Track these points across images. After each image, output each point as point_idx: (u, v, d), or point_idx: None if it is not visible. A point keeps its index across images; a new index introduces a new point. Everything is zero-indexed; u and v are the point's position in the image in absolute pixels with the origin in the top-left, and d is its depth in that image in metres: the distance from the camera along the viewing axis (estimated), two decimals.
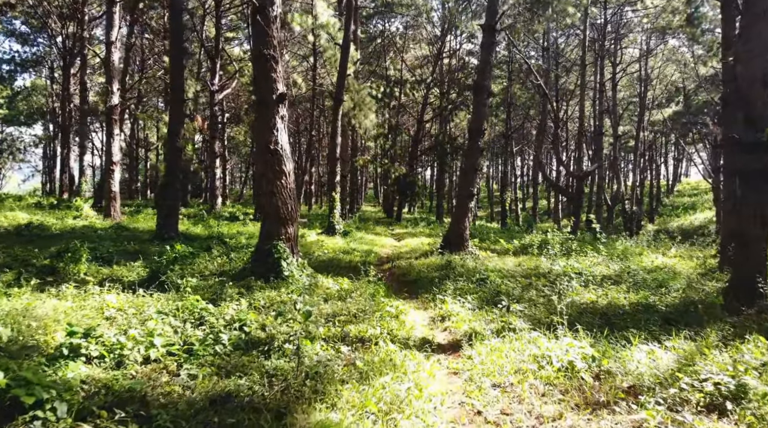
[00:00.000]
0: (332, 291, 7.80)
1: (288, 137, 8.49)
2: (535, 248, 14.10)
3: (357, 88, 21.69)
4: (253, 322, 5.99)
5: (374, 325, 6.44)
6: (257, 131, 8.36)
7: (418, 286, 9.78)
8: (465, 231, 13.77)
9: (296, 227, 8.57)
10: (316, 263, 11.81)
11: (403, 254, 14.68)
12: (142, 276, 8.34)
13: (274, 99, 8.16)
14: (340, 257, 13.09)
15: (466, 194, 13.71)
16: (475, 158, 13.66)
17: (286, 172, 8.21)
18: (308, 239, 16.36)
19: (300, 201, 34.76)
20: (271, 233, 8.21)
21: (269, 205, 8.17)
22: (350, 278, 9.46)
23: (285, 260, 8.03)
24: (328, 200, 18.81)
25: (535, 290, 9.43)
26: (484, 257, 13.54)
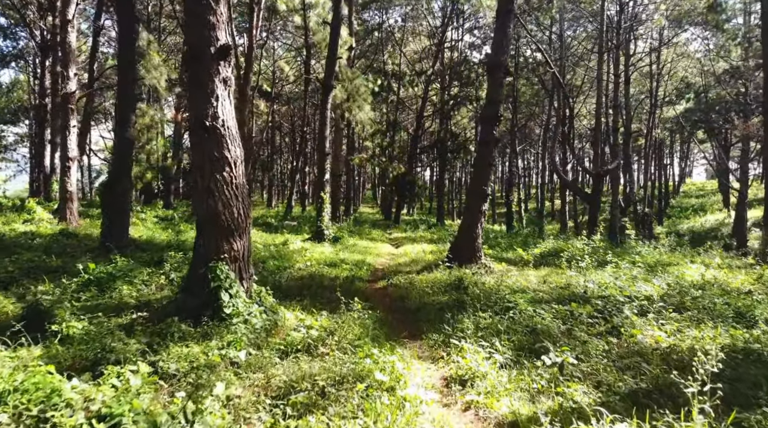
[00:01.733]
0: (296, 338, 5.06)
1: (234, 111, 5.78)
2: (564, 261, 11.37)
3: (350, 76, 18.97)
4: (137, 421, 3.26)
5: (353, 411, 3.74)
6: (189, 99, 5.63)
7: (423, 319, 7.03)
8: (477, 239, 11.05)
9: (248, 240, 5.83)
10: (291, 282, 9.08)
11: (402, 266, 11.96)
12: (17, 314, 5.61)
13: (212, 53, 5.44)
14: (324, 271, 10.36)
15: (478, 193, 10.99)
16: (489, 150, 10.95)
17: (231, 160, 5.48)
18: (291, 247, 13.65)
19: (293, 202, 32.04)
20: (208, 250, 5.48)
21: (205, 209, 5.45)
22: (330, 308, 6.74)
23: (228, 291, 5.30)
24: (316, 202, 16.08)
25: (583, 325, 6.74)
26: (501, 272, 10.83)
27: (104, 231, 10.99)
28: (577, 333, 6.33)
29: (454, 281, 9.30)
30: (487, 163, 10.98)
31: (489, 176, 11.16)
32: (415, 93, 29.76)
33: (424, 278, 9.92)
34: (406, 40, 35.06)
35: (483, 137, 11.06)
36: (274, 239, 15.55)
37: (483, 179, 11.02)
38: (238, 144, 5.64)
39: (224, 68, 5.57)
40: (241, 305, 5.36)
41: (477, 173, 11.19)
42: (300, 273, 10.13)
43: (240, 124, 20.54)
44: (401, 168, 25.83)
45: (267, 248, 13.07)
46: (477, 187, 11.05)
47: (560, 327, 6.64)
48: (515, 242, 18.87)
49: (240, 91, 20.19)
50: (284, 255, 12.02)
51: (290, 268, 10.59)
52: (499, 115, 10.97)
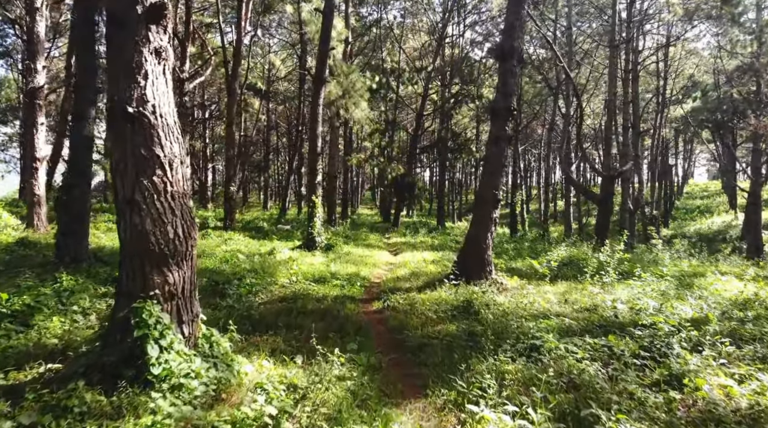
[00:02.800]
0: (249, 415, 3.49)
1: (172, 95, 4.25)
2: (587, 276, 9.87)
3: (346, 71, 17.44)
4: None
5: None
6: (108, 78, 4.09)
7: (427, 362, 5.45)
8: (487, 251, 9.51)
9: (190, 269, 4.27)
10: (267, 306, 7.54)
11: (401, 280, 10.40)
12: None
13: (140, 13, 3.90)
14: (311, 290, 8.82)
15: (488, 198, 9.45)
16: (501, 148, 9.41)
17: (165, 160, 3.94)
18: (278, 256, 12.12)
19: (289, 204, 30.47)
20: (132, 284, 3.95)
21: (128, 228, 3.92)
22: (310, 349, 5.21)
23: (158, 342, 3.75)
24: (307, 206, 14.55)
25: (630, 369, 5.26)
26: (515, 288, 9.31)
27: (58, 242, 9.44)
28: (628, 385, 4.81)
29: (462, 303, 7.77)
30: (499, 163, 9.45)
31: (501, 179, 9.61)
32: (414, 91, 28.20)
33: (427, 297, 8.38)
34: (405, 36, 33.53)
35: (494, 134, 9.51)
36: (261, 246, 14.02)
37: (494, 182, 9.48)
38: (177, 138, 4.09)
39: (157, 35, 4.02)
40: (177, 361, 3.80)
41: (487, 176, 9.64)
42: (281, 293, 8.59)
43: (228, 122, 19.04)
44: (400, 169, 24.28)
45: (249, 259, 11.54)
46: (487, 191, 9.51)
47: (603, 374, 5.13)
48: (523, 249, 17.35)
49: (228, 87, 18.66)
50: (267, 268, 10.49)
51: (271, 285, 9.05)
52: (512, 108, 9.43)
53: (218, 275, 9.36)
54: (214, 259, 11.27)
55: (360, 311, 7.75)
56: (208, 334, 4.41)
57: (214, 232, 16.61)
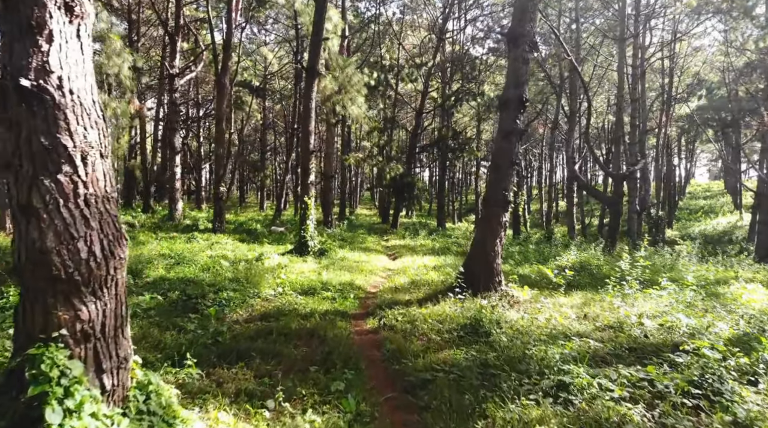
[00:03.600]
0: None
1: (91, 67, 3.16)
2: (611, 288, 8.83)
3: (342, 64, 16.37)
4: None
5: None
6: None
7: (431, 405, 4.35)
8: (496, 259, 8.44)
9: (116, 299, 3.19)
10: (244, 326, 6.46)
11: (400, 291, 9.33)
12: None
13: None
14: (297, 303, 7.75)
15: (497, 200, 8.37)
16: (512, 144, 8.35)
17: (76, 153, 2.88)
18: (265, 263, 11.05)
19: (284, 205, 29.41)
20: (32, 320, 2.90)
21: (25, 244, 2.86)
22: (287, 389, 4.15)
23: (62, 402, 2.69)
24: (300, 207, 13.47)
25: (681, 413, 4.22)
26: (527, 301, 8.25)
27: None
28: None
29: (469, 321, 6.70)
30: (509, 161, 8.38)
31: (511, 178, 8.54)
32: (414, 88, 27.13)
33: (429, 313, 7.32)
34: (404, 33, 32.44)
35: (504, 128, 8.44)
36: (249, 251, 12.95)
37: (503, 182, 8.41)
38: (96, 123, 3.01)
39: None
40: None
41: (495, 175, 8.56)
42: (263, 308, 7.52)
43: (218, 119, 17.97)
44: (399, 168, 23.21)
45: (234, 266, 10.47)
46: (495, 192, 8.43)
47: (651, 421, 4.10)
48: (529, 252, 16.29)
49: (217, 82, 17.60)
50: (252, 277, 9.42)
51: (253, 299, 7.98)
52: (524, 99, 8.37)
53: (194, 286, 8.29)
54: (194, 266, 10.20)
55: (351, 331, 6.68)
56: (144, 381, 3.34)
57: (201, 235, 15.53)
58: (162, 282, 8.53)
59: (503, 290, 8.35)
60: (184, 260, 10.66)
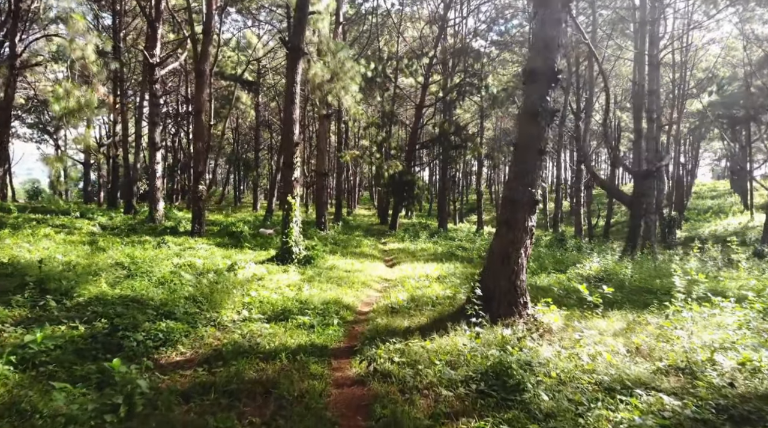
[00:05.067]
0: None
1: None
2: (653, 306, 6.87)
3: (333, 48, 14.41)
4: None
5: None
6: None
7: None
8: (520, 275, 6.47)
9: None
10: (181, 370, 4.47)
11: (398, 312, 7.33)
12: None
13: None
14: (262, 335, 5.79)
15: (521, 199, 6.40)
16: (540, 129, 6.39)
17: None
18: (238, 275, 9.11)
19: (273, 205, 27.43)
20: None
21: None
22: None
23: None
24: (283, 208, 11.50)
25: None
26: (560, 329, 6.31)
27: None
28: None
29: (492, 366, 4.76)
30: (536, 149, 6.41)
31: (539, 171, 6.56)
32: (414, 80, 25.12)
33: (436, 349, 5.38)
34: (404, 25, 30.46)
35: (530, 107, 6.48)
36: (224, 259, 11.00)
37: (528, 176, 6.43)
38: None
39: None
40: None
41: (518, 167, 6.57)
42: (216, 342, 5.57)
43: (197, 110, 16.00)
44: (398, 165, 21.22)
45: (198, 279, 8.52)
46: (518, 189, 6.45)
47: None
48: (544, 257, 14.33)
49: (196, 68, 15.63)
50: (216, 294, 7.47)
51: (206, 327, 6.04)
52: (556, 69, 6.41)
53: (135, 309, 6.35)
54: (149, 280, 8.25)
55: (329, 382, 4.73)
56: None
57: (176, 239, 13.58)
58: (95, 304, 6.57)
59: (529, 314, 6.40)
60: (138, 272, 8.69)
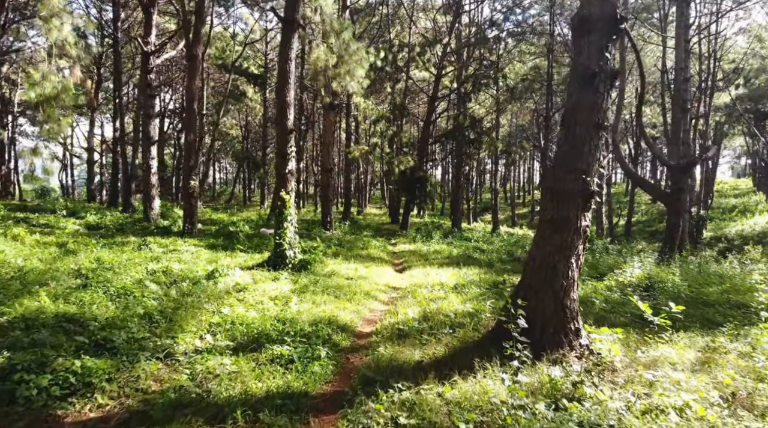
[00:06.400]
0: None
1: None
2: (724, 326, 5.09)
3: (338, 28, 12.74)
4: None
5: None
6: None
7: None
8: (570, 292, 4.76)
9: None
10: None
11: (407, 336, 5.64)
12: None
13: None
14: (222, 375, 4.17)
15: (572, 189, 4.70)
16: (597, 93, 4.68)
17: None
18: (218, 284, 7.52)
19: None
20: None
21: None
22: None
23: None
24: (276, 206, 9.86)
25: None
26: (625, 367, 4.60)
27: None
28: None
29: None
30: (594, 123, 4.70)
31: (597, 153, 4.83)
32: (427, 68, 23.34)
33: (459, 400, 3.72)
34: (416, 16, 28.73)
35: (583, 65, 4.78)
36: (208, 263, 9.42)
37: (581, 160, 4.72)
38: None
39: None
40: None
41: (568, 148, 4.83)
42: (153, 387, 3.96)
43: (188, 98, 14.45)
44: (410, 161, 19.51)
45: (163, 291, 6.94)
46: (568, 178, 4.75)
47: None
48: None
49: (188, 53, 14.10)
50: (179, 311, 5.89)
51: (150, 361, 4.43)
52: (619, 15, 4.70)
53: (69, 330, 4.80)
54: (105, 291, 6.69)
55: None
56: None
57: (161, 240, 12.05)
58: (18, 325, 5.02)
59: (582, 345, 4.69)
60: (97, 281, 7.14)
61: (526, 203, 55.13)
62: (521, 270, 11.42)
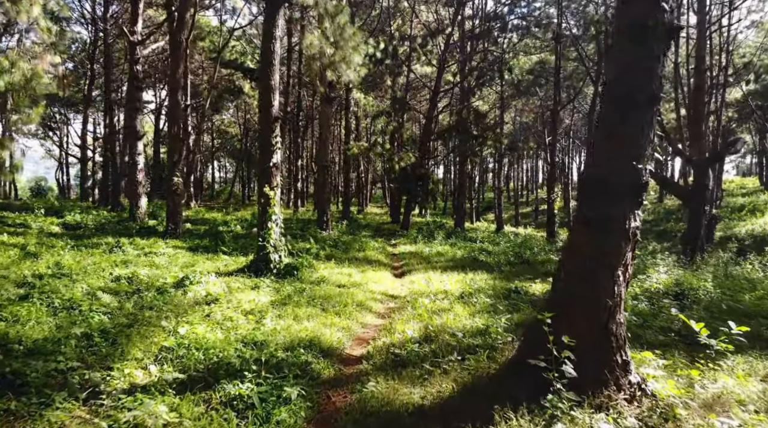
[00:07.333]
0: None
1: None
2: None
3: (332, 10, 11.61)
4: None
5: None
6: None
7: None
8: (615, 314, 3.64)
9: None
10: None
11: (407, 362, 4.52)
12: None
13: None
14: None
15: (620, 179, 3.58)
16: (651, 55, 3.58)
17: None
18: (189, 293, 6.42)
19: None
20: None
21: None
22: None
23: None
24: (258, 203, 8.71)
25: None
26: (690, 414, 3.45)
27: None
28: None
29: None
30: (646, 94, 3.58)
31: (651, 132, 3.69)
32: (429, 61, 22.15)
33: None
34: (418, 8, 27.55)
35: (629, 22, 3.65)
36: (186, 266, 8.33)
37: (631, 142, 3.59)
38: None
39: None
40: None
41: (612, 127, 3.71)
42: None
43: (172, 88, 13.32)
44: (410, 157, 18.38)
45: (119, 304, 5.84)
46: (613, 165, 3.63)
47: None
48: None
49: (171, 40, 13.00)
50: (130, 330, 4.79)
51: (65, 404, 3.31)
52: None
53: None
54: (49, 304, 5.59)
55: None
56: None
57: (141, 241, 10.96)
58: None
59: (633, 383, 3.56)
60: (42, 291, 6.05)
61: (530, 202, 53.94)
62: (533, 275, 10.26)
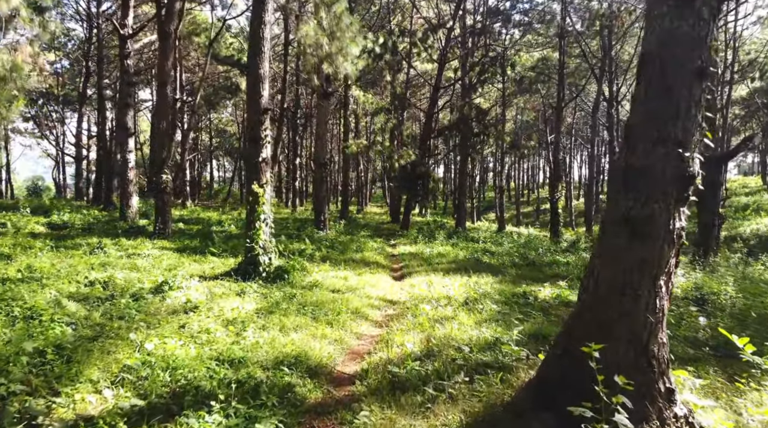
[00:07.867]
0: None
1: None
2: None
3: (328, 0, 11.01)
4: None
5: None
6: None
7: None
8: (657, 333, 3.02)
9: None
10: None
11: (406, 384, 3.88)
12: None
13: None
14: None
15: (663, 170, 2.97)
16: (700, 21, 2.97)
17: None
18: (168, 299, 5.81)
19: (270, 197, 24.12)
20: None
21: None
22: None
23: None
24: (247, 201, 8.07)
25: None
26: None
27: None
28: None
29: None
30: (692, 68, 2.96)
31: (698, 113, 3.08)
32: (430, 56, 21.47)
33: None
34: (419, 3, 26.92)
35: None
36: (169, 269, 7.73)
37: (675, 125, 2.97)
38: None
39: None
40: None
41: (652, 107, 3.12)
42: None
43: (160, 82, 12.67)
44: (411, 154, 17.75)
45: (86, 312, 5.22)
46: (653, 152, 3.02)
47: None
48: None
49: (159, 31, 12.37)
50: (92, 344, 4.17)
51: None
52: None
53: None
54: (8, 313, 4.98)
55: None
56: None
57: (127, 242, 10.35)
58: None
59: (680, 416, 2.94)
60: (4, 296, 5.44)
61: (531, 201, 53.32)
62: (540, 278, 9.62)
